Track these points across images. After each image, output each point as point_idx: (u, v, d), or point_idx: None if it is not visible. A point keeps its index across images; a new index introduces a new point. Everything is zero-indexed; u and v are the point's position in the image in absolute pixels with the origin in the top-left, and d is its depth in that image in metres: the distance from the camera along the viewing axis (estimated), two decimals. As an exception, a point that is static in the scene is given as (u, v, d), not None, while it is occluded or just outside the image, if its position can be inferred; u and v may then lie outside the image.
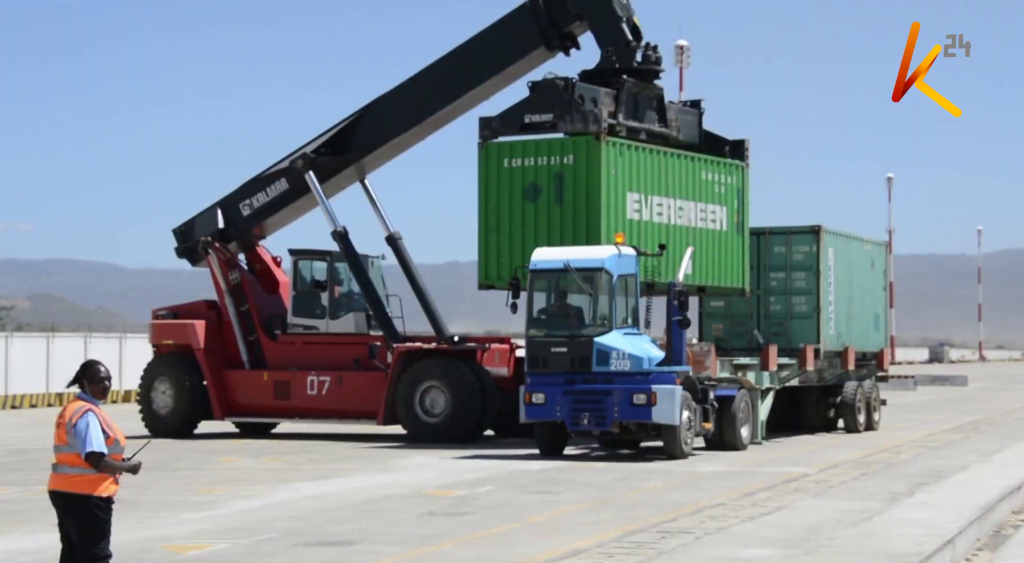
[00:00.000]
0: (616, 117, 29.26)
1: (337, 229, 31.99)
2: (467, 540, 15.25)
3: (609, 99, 29.28)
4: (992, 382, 77.80)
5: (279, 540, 15.34)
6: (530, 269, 26.44)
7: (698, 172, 30.93)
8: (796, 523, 16.48)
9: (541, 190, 29.02)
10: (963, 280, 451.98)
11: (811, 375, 32.64)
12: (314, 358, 31.98)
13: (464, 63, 31.30)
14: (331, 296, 32.74)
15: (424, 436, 30.04)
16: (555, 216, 28.91)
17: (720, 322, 33.27)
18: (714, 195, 31.30)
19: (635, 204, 29.24)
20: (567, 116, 28.66)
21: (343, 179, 33.46)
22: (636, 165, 29.38)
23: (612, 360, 25.48)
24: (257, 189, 33.35)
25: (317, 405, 31.59)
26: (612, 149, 28.70)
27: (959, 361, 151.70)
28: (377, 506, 18.50)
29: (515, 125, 29.29)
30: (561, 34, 30.60)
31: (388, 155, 33.51)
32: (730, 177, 31.77)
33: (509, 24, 31.07)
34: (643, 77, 30.00)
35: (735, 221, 31.75)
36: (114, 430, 10.23)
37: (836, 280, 33.18)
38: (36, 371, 48.06)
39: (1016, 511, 19.10)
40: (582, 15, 30.29)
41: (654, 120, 30.43)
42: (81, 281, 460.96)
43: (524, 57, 30.89)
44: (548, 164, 29.05)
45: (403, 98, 32.00)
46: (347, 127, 32.57)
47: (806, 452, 27.77)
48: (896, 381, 60.61)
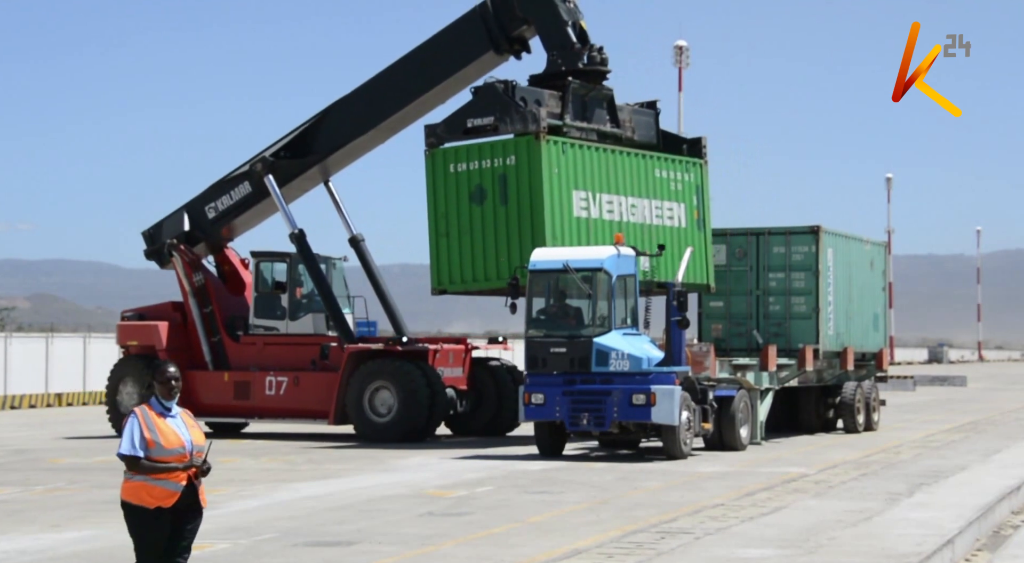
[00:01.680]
0: (562, 118, 29.63)
1: (294, 231, 32.47)
2: (467, 540, 15.25)
3: (554, 101, 29.71)
4: (991, 382, 77.83)
5: (279, 540, 15.34)
6: (529, 269, 26.45)
7: (651, 170, 31.21)
8: (796, 523, 16.49)
9: (486, 193, 29.39)
10: (962, 280, 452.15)
11: (810, 375, 32.64)
12: (274, 359, 32.50)
13: (417, 67, 31.69)
14: (291, 297, 33.27)
15: (373, 436, 30.47)
16: (500, 217, 29.27)
17: (719, 322, 33.27)
18: (670, 192, 31.61)
19: (582, 202, 29.51)
20: (507, 118, 29.00)
21: (306, 181, 33.92)
22: (581, 164, 29.65)
23: (611, 360, 25.49)
24: (221, 192, 33.84)
25: (275, 405, 32.06)
26: (553, 148, 28.96)
27: (958, 361, 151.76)
28: (377, 506, 18.50)
29: (458, 130, 29.70)
30: (510, 38, 30.93)
31: (349, 157, 33.98)
32: (687, 174, 32.07)
33: (459, 28, 31.46)
34: (590, 79, 30.37)
35: (695, 217, 32.06)
36: (161, 432, 9.99)
37: (835, 280, 33.18)
38: (35, 371, 48.06)
39: (1016, 511, 19.10)
40: (529, 19, 30.59)
41: (605, 120, 30.81)
42: (81, 281, 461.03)
43: (474, 61, 31.19)
44: (492, 166, 29.37)
45: (360, 102, 32.40)
46: (307, 130, 33.06)
47: (805, 452, 27.78)
48: (895, 381, 60.65)
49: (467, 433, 31.93)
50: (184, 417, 10.23)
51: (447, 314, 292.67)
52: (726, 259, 33.08)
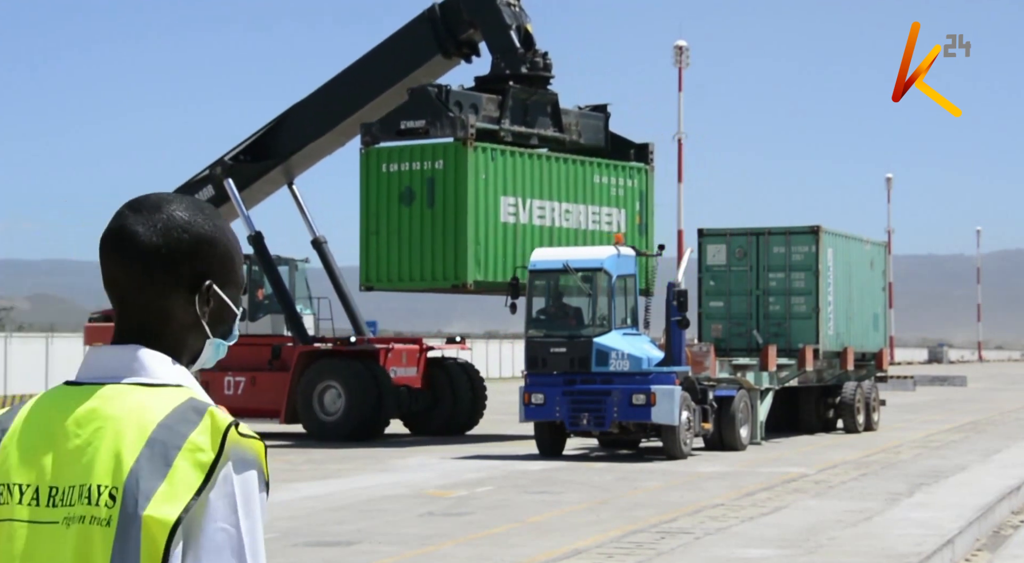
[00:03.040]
0: (500, 122, 30.03)
1: (251, 233, 33.02)
2: (467, 540, 15.25)
3: (493, 105, 30.18)
4: (991, 382, 77.80)
5: (279, 540, 15.34)
6: (529, 269, 26.47)
7: (589, 176, 31.60)
8: (796, 523, 16.48)
9: (415, 194, 29.93)
10: (962, 280, 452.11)
11: (810, 375, 32.64)
12: (235, 359, 32.81)
13: (369, 71, 32.18)
14: (251, 299, 33.83)
15: (323, 434, 30.80)
16: (427, 220, 29.82)
17: (719, 322, 33.26)
18: (610, 198, 32.04)
19: (510, 208, 29.98)
20: (438, 122, 29.45)
21: (268, 184, 34.55)
22: (511, 170, 30.09)
23: (611, 360, 25.49)
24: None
25: (233, 404, 32.58)
26: (481, 155, 29.45)
27: (958, 361, 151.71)
28: (377, 506, 18.50)
29: (392, 131, 30.19)
30: (458, 42, 31.42)
31: (310, 160, 34.65)
32: (631, 180, 32.47)
33: (408, 32, 31.98)
34: (533, 83, 30.78)
35: (637, 223, 32.37)
36: None
37: (835, 280, 33.17)
38: (35, 371, 48.08)
39: (1016, 511, 19.09)
40: (475, 23, 30.96)
41: (548, 125, 31.23)
42: (81, 281, 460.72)
43: (423, 64, 31.66)
44: (421, 169, 29.91)
45: (316, 105, 32.94)
46: (266, 134, 33.64)
47: (805, 452, 27.78)
48: (895, 381, 60.61)
49: (424, 432, 32.37)
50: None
51: (447, 314, 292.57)
52: (726, 259, 33.06)
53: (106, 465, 2.34)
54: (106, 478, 2.33)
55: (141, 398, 2.39)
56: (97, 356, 2.46)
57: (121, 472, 2.32)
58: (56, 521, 2.34)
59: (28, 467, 2.40)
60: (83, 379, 2.45)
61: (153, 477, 2.31)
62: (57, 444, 2.39)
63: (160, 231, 2.43)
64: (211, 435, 2.35)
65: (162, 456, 2.32)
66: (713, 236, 33.32)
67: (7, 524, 2.38)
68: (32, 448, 2.41)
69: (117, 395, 2.40)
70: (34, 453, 2.40)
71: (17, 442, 2.43)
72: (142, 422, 2.35)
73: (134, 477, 2.31)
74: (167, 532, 2.28)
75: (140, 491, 2.30)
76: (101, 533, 2.30)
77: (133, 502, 2.30)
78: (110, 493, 2.32)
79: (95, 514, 2.31)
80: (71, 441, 2.38)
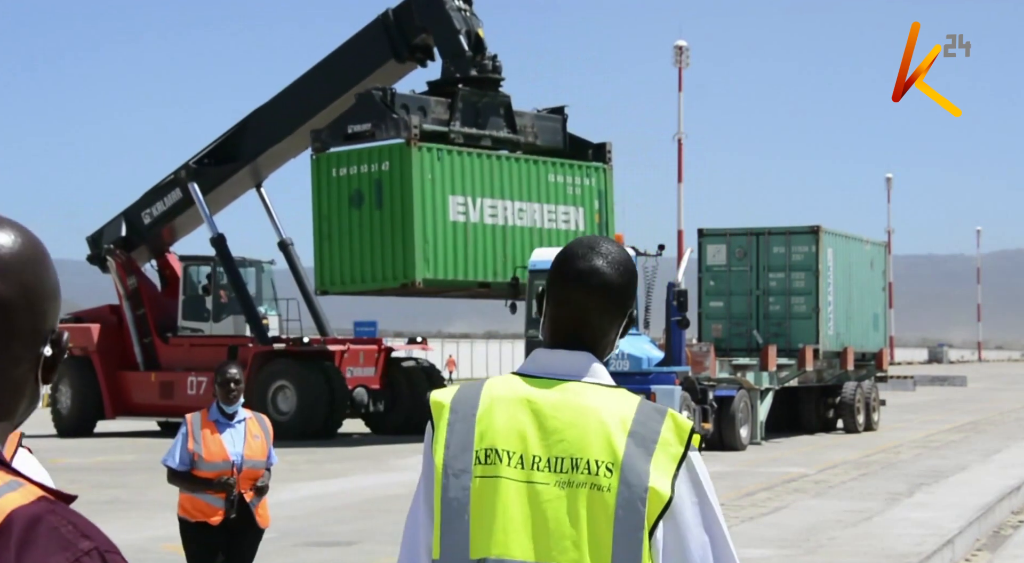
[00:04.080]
0: (451, 124, 30.38)
1: (213, 235, 33.58)
2: (467, 540, 15.22)
3: (442, 107, 30.57)
4: (991, 382, 77.81)
5: (279, 540, 15.32)
6: (529, 269, 26.47)
7: (543, 175, 31.85)
8: (796, 523, 16.48)
9: (364, 197, 30.26)
10: (962, 280, 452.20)
11: (810, 375, 32.64)
12: (199, 359, 33.45)
13: (326, 75, 32.59)
14: (215, 300, 34.47)
15: (276, 434, 30.75)
16: (376, 221, 30.17)
17: (719, 322, 33.27)
18: (566, 197, 32.25)
19: (459, 207, 30.24)
20: (383, 124, 29.80)
21: (235, 187, 35.05)
22: (460, 169, 30.38)
23: (611, 360, 25.49)
24: (155, 199, 35.09)
25: (196, 404, 32.84)
26: (427, 154, 29.75)
27: (958, 361, 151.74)
28: (377, 506, 18.50)
29: (340, 135, 30.61)
30: (411, 46, 31.78)
31: (275, 163, 35.09)
32: (587, 179, 32.69)
33: (363, 37, 32.37)
34: (483, 85, 31.13)
35: (596, 221, 32.63)
36: (205, 444, 8.88)
37: (835, 280, 33.17)
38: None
39: (1015, 511, 19.08)
40: (427, 27, 31.32)
41: (501, 126, 31.53)
42: (81, 281, 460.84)
43: (378, 69, 31.99)
44: (368, 172, 30.24)
45: (277, 109, 33.40)
46: (229, 138, 34.15)
47: (805, 452, 27.78)
48: (895, 381, 60.61)
49: (383, 431, 32.86)
50: (251, 425, 9.10)
51: (448, 314, 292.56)
52: (726, 259, 33.08)
53: (599, 445, 2.92)
54: (602, 455, 2.91)
55: (605, 395, 3.00)
56: (551, 357, 3.05)
57: (615, 452, 2.90)
58: (548, 483, 2.92)
59: (512, 437, 2.96)
60: (536, 373, 3.04)
61: (642, 460, 2.89)
62: (538, 423, 2.96)
63: (617, 270, 3.07)
64: (676, 433, 2.93)
65: (644, 446, 2.91)
66: (713, 236, 33.33)
67: (494, 481, 2.95)
68: (512, 423, 2.97)
69: (582, 390, 3.00)
70: (515, 427, 2.96)
71: (494, 417, 2.98)
72: (620, 415, 2.95)
73: (629, 458, 2.89)
74: (663, 504, 2.88)
75: (637, 470, 2.88)
76: (600, 497, 2.89)
77: (635, 476, 2.88)
78: (607, 467, 2.90)
79: (595, 482, 2.90)
80: (549, 422, 2.95)
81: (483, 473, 2.97)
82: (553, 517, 2.90)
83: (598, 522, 2.88)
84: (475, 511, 2.95)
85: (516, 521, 2.92)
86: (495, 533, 2.92)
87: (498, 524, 2.92)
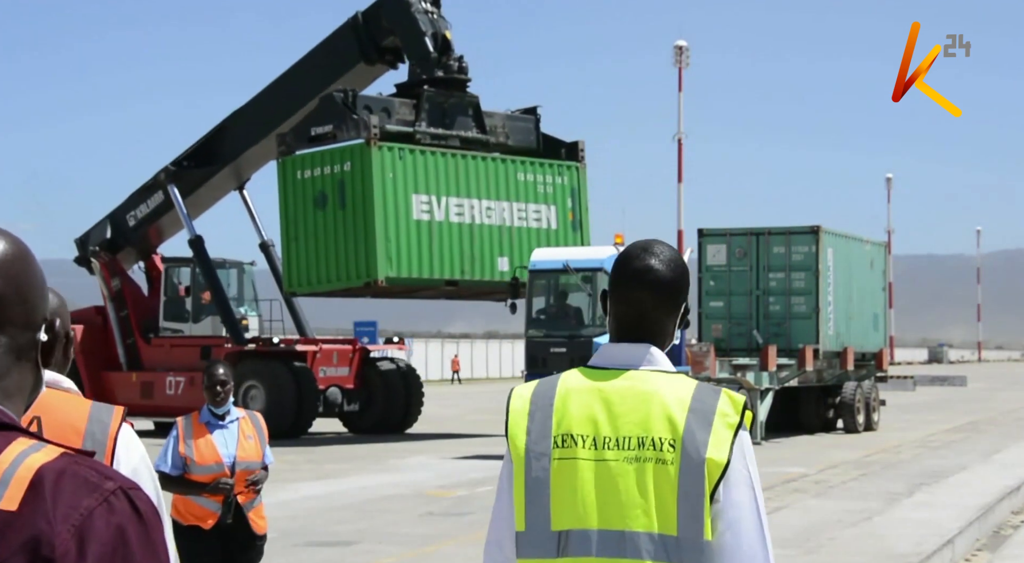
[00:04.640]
0: (416, 125, 30.57)
1: (191, 237, 33.88)
2: (467, 540, 15.24)
3: (407, 108, 30.77)
4: (991, 382, 77.79)
5: (279, 540, 15.32)
6: (529, 269, 26.47)
7: (512, 173, 31.95)
8: (796, 523, 16.48)
9: (328, 198, 30.50)
10: (962, 280, 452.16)
11: (810, 375, 32.64)
12: (179, 360, 33.78)
13: (298, 78, 32.79)
14: (194, 301, 34.78)
15: None
16: (340, 221, 30.39)
17: (719, 322, 33.27)
18: (537, 195, 32.35)
19: (423, 205, 30.41)
20: (344, 126, 30.05)
21: (216, 189, 35.32)
22: (423, 168, 30.54)
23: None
24: (139, 201, 35.39)
25: (174, 403, 33.26)
26: (387, 154, 29.92)
27: (958, 361, 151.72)
28: (377, 506, 18.50)
29: (304, 138, 30.86)
30: (380, 48, 31.98)
31: (254, 165, 35.31)
32: (560, 177, 32.80)
33: (334, 39, 32.59)
34: (449, 86, 31.31)
35: (569, 219, 32.72)
36: (197, 447, 8.63)
37: (835, 280, 33.17)
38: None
39: (1016, 511, 19.08)
40: (394, 30, 31.53)
41: (470, 127, 31.69)
42: (81, 281, 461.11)
43: (348, 71, 32.19)
44: (332, 173, 30.48)
45: (253, 112, 33.67)
46: (207, 140, 34.37)
47: (805, 452, 27.78)
48: (895, 381, 60.48)
49: (359, 431, 33.13)
50: (244, 425, 8.80)
51: (448, 314, 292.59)
52: (726, 259, 33.08)
53: (662, 424, 3.29)
54: (665, 433, 3.28)
55: (665, 380, 3.37)
56: (615, 350, 3.43)
57: (677, 429, 3.28)
58: (617, 460, 3.29)
59: (585, 423, 3.35)
60: (603, 364, 3.42)
61: (702, 433, 3.27)
62: (607, 408, 3.34)
63: (669, 267, 3.44)
64: (732, 406, 3.31)
65: (704, 419, 3.28)
66: (713, 236, 33.33)
67: (571, 462, 3.33)
68: (585, 410, 3.35)
69: (644, 377, 3.37)
70: (587, 413, 3.35)
71: (569, 406, 3.37)
72: (679, 396, 3.32)
73: (690, 433, 3.27)
74: (720, 470, 3.25)
75: (697, 442, 3.25)
76: (664, 469, 3.26)
77: (694, 449, 3.25)
78: (670, 443, 3.27)
79: (660, 457, 3.27)
80: (617, 407, 3.34)
81: (561, 456, 3.35)
82: (624, 489, 3.29)
83: (664, 492, 3.26)
84: (555, 489, 3.33)
85: (591, 495, 3.31)
86: (574, 507, 3.31)
87: (576, 499, 3.31)
